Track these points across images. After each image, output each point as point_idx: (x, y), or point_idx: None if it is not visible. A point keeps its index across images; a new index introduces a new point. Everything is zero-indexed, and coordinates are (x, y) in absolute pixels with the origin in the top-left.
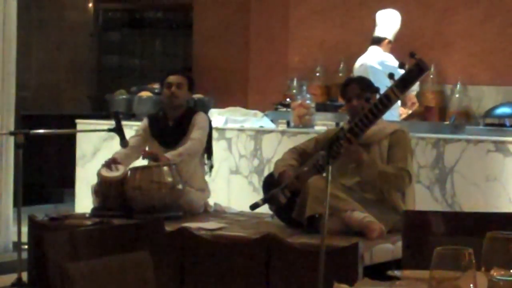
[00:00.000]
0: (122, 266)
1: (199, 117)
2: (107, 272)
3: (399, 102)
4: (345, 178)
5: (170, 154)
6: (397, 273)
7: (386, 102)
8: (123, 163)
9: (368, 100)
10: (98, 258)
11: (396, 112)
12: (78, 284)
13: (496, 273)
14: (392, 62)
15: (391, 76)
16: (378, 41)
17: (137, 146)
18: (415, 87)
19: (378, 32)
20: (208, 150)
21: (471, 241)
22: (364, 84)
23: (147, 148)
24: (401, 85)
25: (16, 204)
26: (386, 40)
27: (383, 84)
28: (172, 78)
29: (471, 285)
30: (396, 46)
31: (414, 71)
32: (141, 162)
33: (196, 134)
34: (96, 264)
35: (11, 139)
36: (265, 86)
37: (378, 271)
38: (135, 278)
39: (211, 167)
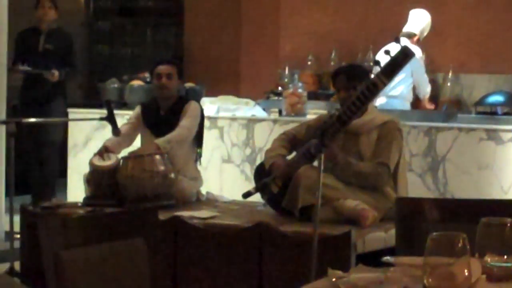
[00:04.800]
0: (116, 254)
1: (191, 106)
2: (101, 259)
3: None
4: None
5: (159, 141)
6: (391, 259)
7: (373, 89)
8: (115, 151)
9: (355, 88)
10: (92, 245)
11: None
12: (72, 271)
13: (490, 259)
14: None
15: (376, 62)
16: (408, 36)
17: (128, 134)
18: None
19: (408, 28)
20: (199, 139)
21: (464, 227)
22: (351, 74)
23: (139, 137)
24: (387, 71)
25: (8, 193)
26: (416, 37)
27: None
28: (161, 69)
29: (465, 270)
30: (386, 34)
31: (400, 57)
32: (132, 149)
33: (185, 122)
34: (90, 251)
35: (3, 128)
36: (257, 75)
37: (370, 259)
38: (129, 265)
39: (199, 156)
